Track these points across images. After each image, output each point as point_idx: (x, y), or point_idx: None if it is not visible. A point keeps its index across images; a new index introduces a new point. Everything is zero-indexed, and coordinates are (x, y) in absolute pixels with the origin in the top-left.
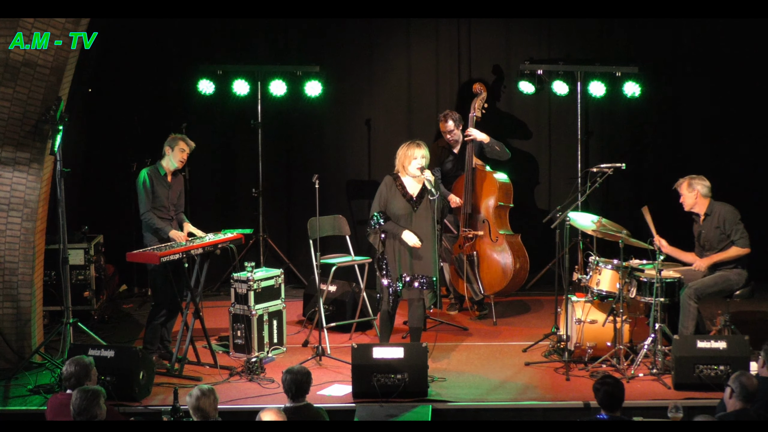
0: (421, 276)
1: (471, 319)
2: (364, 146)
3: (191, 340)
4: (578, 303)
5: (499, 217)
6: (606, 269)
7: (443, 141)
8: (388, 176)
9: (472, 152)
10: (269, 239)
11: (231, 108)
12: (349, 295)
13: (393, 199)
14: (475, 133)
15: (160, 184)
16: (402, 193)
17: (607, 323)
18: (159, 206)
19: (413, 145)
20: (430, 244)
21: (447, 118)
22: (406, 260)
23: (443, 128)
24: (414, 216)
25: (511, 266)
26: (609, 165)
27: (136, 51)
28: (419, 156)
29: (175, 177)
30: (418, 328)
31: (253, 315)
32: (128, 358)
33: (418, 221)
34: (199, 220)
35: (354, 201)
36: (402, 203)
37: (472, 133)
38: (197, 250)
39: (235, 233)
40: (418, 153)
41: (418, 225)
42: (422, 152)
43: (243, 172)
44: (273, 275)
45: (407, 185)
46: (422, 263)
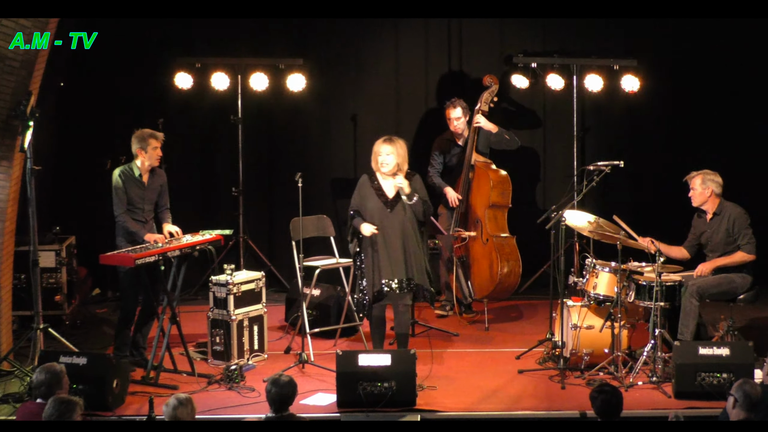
0: (398, 279)
1: (462, 323)
2: (349, 143)
3: (167, 347)
4: (574, 308)
5: (494, 218)
6: (603, 272)
7: (448, 133)
8: (364, 175)
9: (472, 147)
10: (250, 240)
11: (209, 103)
12: (333, 299)
13: (366, 198)
14: (482, 122)
15: (134, 185)
16: (377, 193)
17: (605, 329)
18: (133, 208)
19: (380, 141)
20: (410, 246)
21: (455, 104)
22: (383, 263)
23: (448, 114)
24: (388, 216)
25: (497, 270)
26: (606, 163)
27: (110, 43)
28: (384, 153)
29: (153, 175)
30: (405, 334)
31: (233, 320)
32: (101, 365)
33: (391, 222)
34: (176, 220)
35: (339, 200)
36: (375, 203)
37: (479, 121)
38: (174, 252)
39: (214, 234)
40: (384, 149)
41: (391, 225)
42: (389, 149)
43: (222, 170)
44: (254, 278)
45: (384, 185)
46: (398, 266)
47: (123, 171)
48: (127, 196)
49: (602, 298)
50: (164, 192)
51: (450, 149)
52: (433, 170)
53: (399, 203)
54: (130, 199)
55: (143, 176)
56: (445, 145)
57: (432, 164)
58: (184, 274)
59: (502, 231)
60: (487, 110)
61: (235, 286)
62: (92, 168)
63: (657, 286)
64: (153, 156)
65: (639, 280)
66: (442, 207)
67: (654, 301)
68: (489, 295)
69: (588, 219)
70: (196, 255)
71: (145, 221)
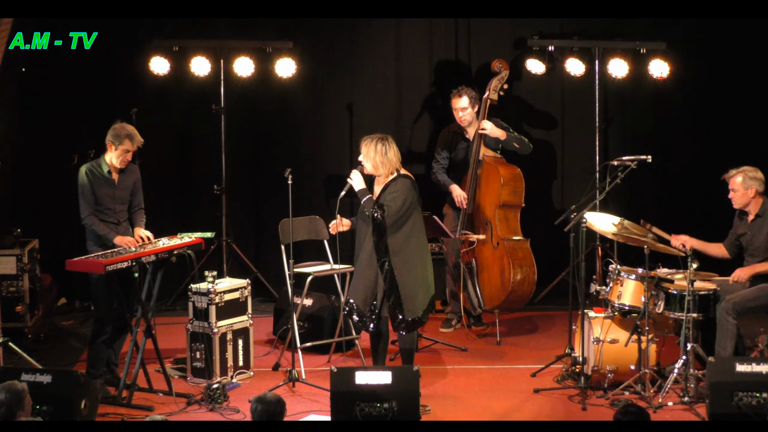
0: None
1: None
2: (345, 135)
3: (142, 363)
4: (596, 319)
5: (506, 220)
6: (629, 280)
7: (454, 125)
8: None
9: (480, 140)
10: (234, 244)
11: (189, 90)
12: (327, 309)
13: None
14: (488, 128)
15: (103, 183)
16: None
17: (631, 343)
18: (102, 209)
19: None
20: (365, 262)
21: (461, 93)
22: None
23: (453, 104)
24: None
25: (509, 278)
26: (632, 157)
27: (78, 24)
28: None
29: (124, 171)
30: (409, 350)
31: (215, 333)
32: (68, 383)
33: (361, 228)
34: (151, 221)
35: (333, 200)
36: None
37: (485, 128)
38: (149, 257)
39: (194, 237)
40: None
41: (361, 232)
42: (361, 148)
43: (203, 165)
44: (238, 287)
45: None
46: (354, 286)
47: (90, 168)
48: (96, 196)
49: (628, 309)
50: (138, 190)
51: (456, 143)
52: (437, 166)
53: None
54: (98, 199)
55: (113, 173)
56: (450, 139)
57: (437, 159)
58: (160, 282)
59: (514, 233)
60: (497, 99)
61: (217, 295)
62: (57, 163)
63: (689, 295)
64: (119, 157)
65: (669, 289)
66: (448, 207)
67: (686, 312)
68: (500, 306)
69: (611, 220)
70: (173, 260)
71: (117, 223)
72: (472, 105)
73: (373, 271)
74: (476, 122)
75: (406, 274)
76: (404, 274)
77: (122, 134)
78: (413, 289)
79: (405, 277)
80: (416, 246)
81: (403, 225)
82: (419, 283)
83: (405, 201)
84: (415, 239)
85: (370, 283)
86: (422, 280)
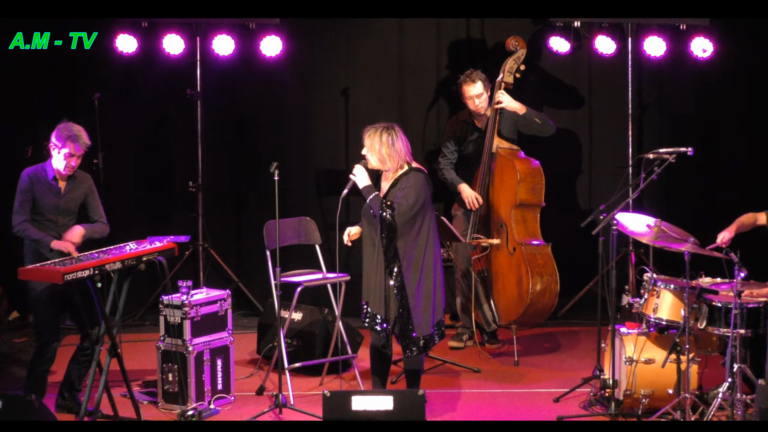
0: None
1: (484, 357)
2: (339, 124)
3: (106, 387)
4: (629, 336)
5: (523, 221)
6: (666, 290)
7: (464, 114)
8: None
9: (493, 130)
10: (212, 250)
11: (160, 72)
12: (319, 325)
13: None
14: (505, 100)
15: (47, 190)
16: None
17: (669, 363)
18: (42, 220)
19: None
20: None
21: (474, 78)
22: (365, 280)
23: (467, 92)
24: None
25: (528, 288)
26: (670, 150)
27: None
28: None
29: (72, 180)
30: (414, 371)
31: (190, 352)
32: (19, 409)
33: (367, 230)
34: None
35: (326, 198)
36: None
37: (501, 100)
38: (114, 264)
39: (166, 242)
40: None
41: (368, 233)
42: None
43: (176, 158)
44: (217, 298)
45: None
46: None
47: (35, 171)
48: (37, 204)
49: (665, 324)
50: (94, 202)
51: (466, 134)
52: (445, 161)
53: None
54: (39, 207)
55: (59, 181)
56: (460, 129)
57: (444, 154)
58: (127, 293)
59: (533, 237)
60: (512, 82)
61: (192, 308)
62: (8, 157)
63: (736, 309)
64: (61, 162)
65: (713, 301)
66: (458, 207)
67: (732, 327)
68: (518, 320)
69: (646, 222)
70: (142, 268)
71: (58, 237)
72: (486, 90)
73: (379, 279)
74: (491, 109)
75: (418, 284)
76: (416, 284)
77: (63, 135)
78: (425, 301)
79: (417, 287)
80: (429, 251)
81: (414, 225)
82: (431, 294)
83: (418, 198)
84: (428, 243)
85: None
86: (437, 291)
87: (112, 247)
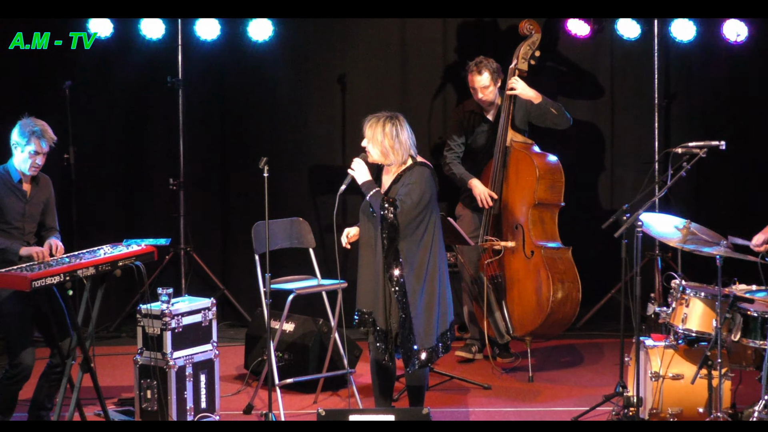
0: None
1: (495, 372)
2: (335, 114)
3: (78, 405)
4: (655, 349)
5: (541, 222)
6: (696, 298)
7: (471, 103)
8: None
9: (507, 121)
10: (195, 254)
11: (138, 58)
12: (313, 336)
13: None
14: (519, 87)
15: (11, 193)
16: None
17: (699, 379)
18: (8, 228)
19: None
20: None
21: (481, 68)
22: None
23: (474, 83)
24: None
25: (548, 296)
26: (701, 143)
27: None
28: (364, 137)
29: (37, 183)
30: (418, 387)
31: (171, 367)
32: None
33: (366, 229)
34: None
35: (322, 197)
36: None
37: (515, 86)
38: (87, 269)
39: (144, 245)
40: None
41: (366, 233)
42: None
43: (155, 153)
44: (200, 308)
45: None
46: (366, 295)
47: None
48: (3, 210)
49: (695, 336)
50: (50, 208)
51: (474, 125)
52: (451, 155)
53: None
54: (5, 215)
55: (24, 183)
56: (467, 120)
57: (450, 147)
58: (101, 302)
59: (551, 239)
60: (527, 69)
61: (173, 318)
62: None
63: None
64: (25, 161)
65: (748, 310)
66: (462, 206)
67: None
68: (535, 332)
69: (675, 223)
70: (117, 274)
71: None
72: (495, 81)
73: (379, 284)
74: (500, 98)
75: (421, 291)
76: (419, 291)
77: (28, 132)
78: (428, 309)
79: (420, 294)
80: (434, 254)
81: (419, 226)
82: (435, 302)
83: (423, 195)
84: (433, 245)
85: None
86: (441, 298)
87: (85, 251)
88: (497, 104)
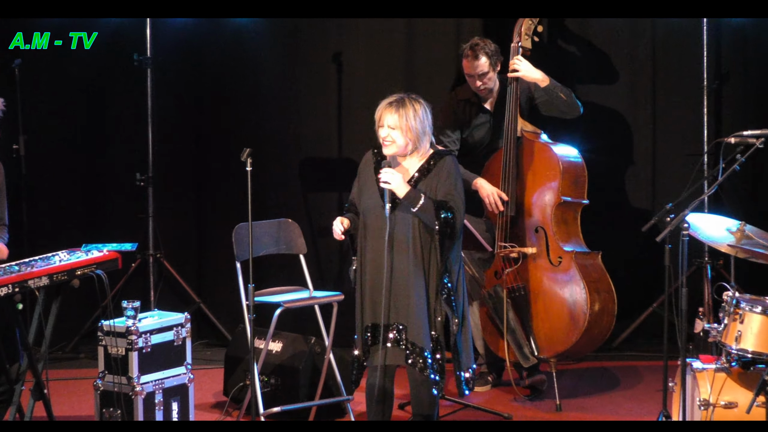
0: (398, 327)
1: (516, 401)
2: (331, 99)
3: None
4: (704, 373)
5: (564, 223)
6: (753, 313)
7: (465, 91)
8: (370, 151)
9: (516, 110)
10: (165, 261)
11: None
12: (304, 358)
13: (365, 184)
14: (522, 68)
15: None
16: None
17: (756, 407)
18: None
19: (383, 104)
20: (404, 275)
21: (477, 51)
22: (375, 297)
23: (468, 68)
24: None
25: (584, 309)
26: (757, 132)
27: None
28: (386, 124)
29: None
30: (427, 417)
31: (138, 393)
32: None
33: (394, 227)
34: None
35: (314, 195)
36: (372, 197)
37: (518, 68)
38: (39, 279)
39: (106, 251)
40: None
41: (381, 236)
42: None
43: (119, 143)
44: (172, 324)
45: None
46: (377, 302)
47: None
48: None
49: (751, 357)
50: (2, 199)
51: (470, 117)
52: None
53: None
54: None
55: None
56: (461, 111)
57: (442, 144)
58: (56, 317)
59: (576, 242)
60: (530, 47)
61: (140, 336)
62: None
63: None
64: None
65: None
66: None
67: None
68: (567, 352)
69: (727, 226)
70: (75, 285)
71: None
72: (494, 66)
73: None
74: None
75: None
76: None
77: None
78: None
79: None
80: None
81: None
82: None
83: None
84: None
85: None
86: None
87: (37, 258)
88: (496, 91)
